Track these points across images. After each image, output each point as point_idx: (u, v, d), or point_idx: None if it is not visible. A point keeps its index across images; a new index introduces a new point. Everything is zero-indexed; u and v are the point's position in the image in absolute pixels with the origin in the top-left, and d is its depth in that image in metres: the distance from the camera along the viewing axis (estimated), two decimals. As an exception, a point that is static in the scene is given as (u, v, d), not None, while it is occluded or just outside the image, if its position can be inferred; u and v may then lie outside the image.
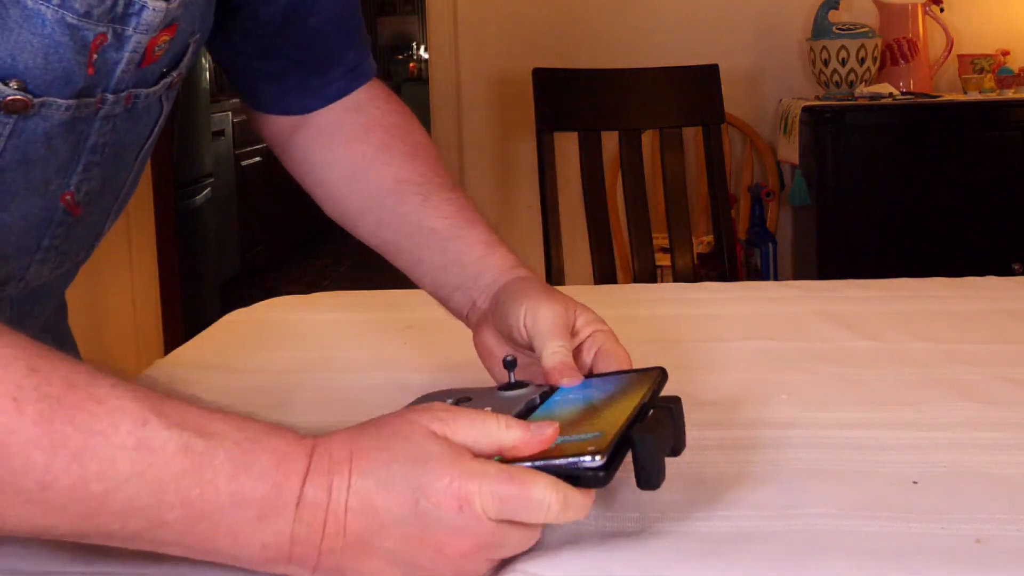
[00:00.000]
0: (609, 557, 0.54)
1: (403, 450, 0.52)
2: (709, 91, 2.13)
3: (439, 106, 3.35)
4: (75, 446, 0.47)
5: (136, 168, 0.76)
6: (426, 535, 0.50)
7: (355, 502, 0.50)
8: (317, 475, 0.51)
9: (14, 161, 0.62)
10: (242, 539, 0.50)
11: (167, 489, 0.48)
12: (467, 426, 0.53)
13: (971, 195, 2.71)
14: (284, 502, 0.50)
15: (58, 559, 0.56)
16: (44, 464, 0.46)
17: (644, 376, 0.64)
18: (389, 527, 0.50)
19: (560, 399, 0.64)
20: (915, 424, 0.72)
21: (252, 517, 0.50)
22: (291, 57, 0.85)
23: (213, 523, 0.49)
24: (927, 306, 1.05)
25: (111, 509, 0.48)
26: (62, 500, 0.47)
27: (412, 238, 0.82)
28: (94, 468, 0.47)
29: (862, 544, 0.54)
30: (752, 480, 0.63)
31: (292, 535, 0.50)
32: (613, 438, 0.54)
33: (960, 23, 3.07)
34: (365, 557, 0.51)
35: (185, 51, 0.72)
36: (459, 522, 0.50)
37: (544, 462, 0.53)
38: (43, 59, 0.59)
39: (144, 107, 0.70)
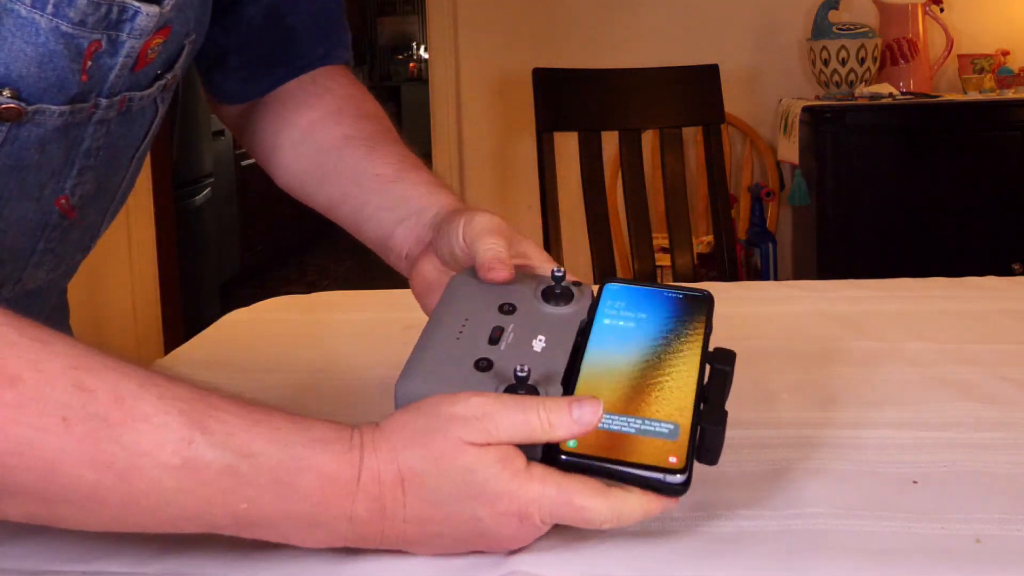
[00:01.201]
0: (609, 557, 0.54)
1: (453, 476, 0.51)
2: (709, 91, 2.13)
3: (439, 106, 3.35)
4: (122, 466, 0.47)
5: (132, 170, 0.76)
6: (483, 534, 0.52)
7: (412, 516, 0.52)
8: (366, 499, 0.51)
9: (8, 167, 0.62)
10: (293, 539, 0.52)
11: (215, 503, 0.49)
12: (511, 429, 0.51)
13: (971, 195, 2.71)
14: (335, 514, 0.51)
15: (58, 559, 0.56)
16: (93, 482, 0.47)
17: (695, 306, 0.62)
18: (446, 534, 0.52)
19: (610, 333, 0.61)
20: (915, 424, 0.72)
21: (304, 525, 0.51)
22: (264, 51, 0.86)
23: (265, 531, 0.51)
24: (927, 306, 1.05)
25: (161, 519, 0.50)
26: (112, 512, 0.49)
27: (358, 185, 0.80)
28: (142, 487, 0.48)
29: (862, 544, 0.54)
30: (752, 480, 0.63)
31: (347, 539, 0.52)
32: (689, 446, 0.53)
33: (960, 23, 3.07)
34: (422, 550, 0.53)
35: (180, 53, 0.71)
36: (514, 530, 0.52)
37: (620, 467, 0.52)
38: (37, 67, 0.59)
39: (138, 110, 0.70)
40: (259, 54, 0.86)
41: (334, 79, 0.88)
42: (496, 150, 3.35)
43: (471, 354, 0.59)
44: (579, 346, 0.61)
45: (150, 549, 0.56)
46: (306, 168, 0.84)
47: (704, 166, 2.34)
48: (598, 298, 0.64)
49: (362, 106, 0.86)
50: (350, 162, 0.81)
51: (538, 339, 0.61)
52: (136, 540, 0.58)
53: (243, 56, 0.86)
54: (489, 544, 0.53)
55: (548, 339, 0.61)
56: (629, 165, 2.04)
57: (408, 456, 0.51)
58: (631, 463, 0.52)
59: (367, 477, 0.51)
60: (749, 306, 1.11)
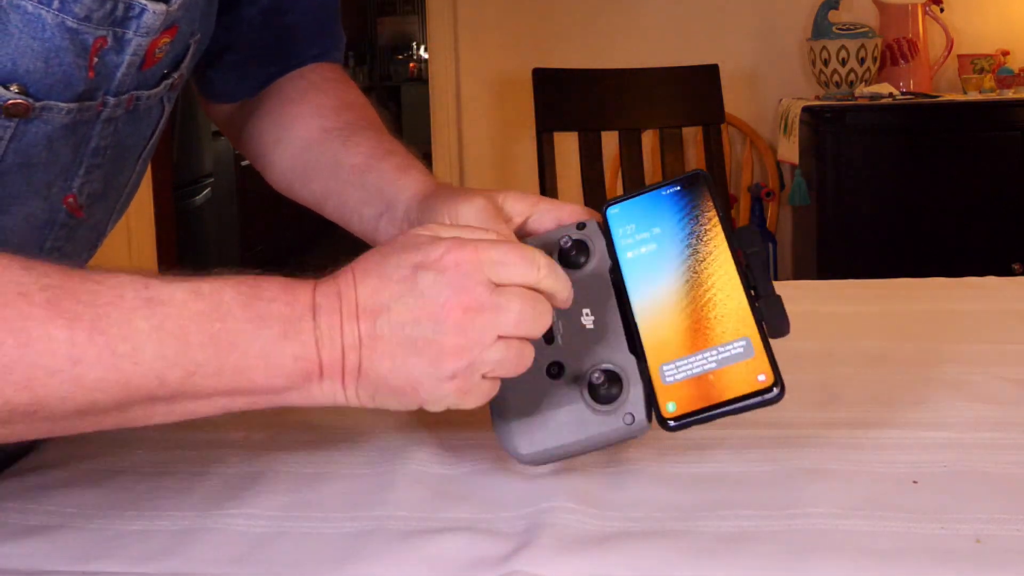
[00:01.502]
0: (609, 557, 0.54)
1: (397, 245, 0.56)
2: (709, 91, 2.14)
3: (439, 106, 3.35)
4: (90, 317, 0.49)
5: (138, 169, 0.76)
6: (428, 303, 0.53)
7: (363, 296, 0.54)
8: (323, 286, 0.55)
9: (15, 164, 0.62)
10: (273, 358, 0.52)
11: (190, 331, 0.50)
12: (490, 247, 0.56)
13: (971, 195, 2.71)
14: (300, 314, 0.53)
15: (58, 559, 0.56)
16: (67, 339, 0.48)
17: (696, 193, 0.62)
18: (395, 309, 0.53)
19: (639, 267, 0.62)
20: (915, 424, 0.72)
21: (276, 335, 0.52)
22: (260, 50, 0.86)
23: (243, 351, 0.52)
24: (927, 306, 1.05)
25: (144, 367, 0.50)
26: (96, 371, 0.49)
27: (336, 178, 0.80)
28: (115, 331, 0.49)
29: (862, 544, 0.54)
30: (752, 480, 0.63)
31: (316, 341, 0.53)
32: (767, 355, 0.56)
33: (960, 23, 3.07)
34: (380, 346, 0.54)
35: (186, 52, 0.72)
36: (457, 282, 0.53)
37: (722, 409, 0.56)
38: (43, 63, 0.59)
39: (145, 108, 0.70)
40: (255, 53, 0.87)
41: (318, 73, 0.88)
42: (496, 150, 3.35)
43: (538, 364, 0.60)
44: (620, 294, 0.62)
45: (150, 549, 0.56)
46: (292, 165, 0.84)
47: (704, 166, 2.34)
48: (608, 230, 0.64)
49: (343, 96, 0.86)
50: (327, 155, 0.81)
51: (584, 314, 0.62)
52: (136, 540, 0.58)
53: (239, 54, 0.86)
54: (440, 315, 0.53)
55: (593, 309, 0.61)
56: (629, 165, 2.04)
57: (359, 263, 0.57)
58: (729, 401, 0.56)
59: (322, 281, 0.56)
60: (749, 306, 1.11)
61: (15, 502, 0.63)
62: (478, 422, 0.66)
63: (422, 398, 0.55)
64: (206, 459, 0.69)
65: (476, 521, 0.59)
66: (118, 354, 0.49)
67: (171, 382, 0.51)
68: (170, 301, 0.51)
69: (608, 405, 0.59)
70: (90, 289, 0.50)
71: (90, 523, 0.60)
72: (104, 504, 0.62)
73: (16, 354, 0.47)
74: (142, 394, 0.51)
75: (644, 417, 0.59)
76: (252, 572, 0.54)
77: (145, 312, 0.50)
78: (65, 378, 0.48)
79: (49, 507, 0.62)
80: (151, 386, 0.50)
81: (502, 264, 0.55)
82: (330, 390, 0.55)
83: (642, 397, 0.59)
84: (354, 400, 0.56)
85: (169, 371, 0.50)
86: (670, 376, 0.58)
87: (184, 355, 0.50)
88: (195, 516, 0.60)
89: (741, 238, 0.60)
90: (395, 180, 0.76)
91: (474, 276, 0.54)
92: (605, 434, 0.59)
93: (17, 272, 0.49)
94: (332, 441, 0.72)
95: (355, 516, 0.60)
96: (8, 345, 0.47)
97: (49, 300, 0.48)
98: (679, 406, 0.57)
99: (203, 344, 0.51)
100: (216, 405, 0.53)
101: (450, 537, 0.57)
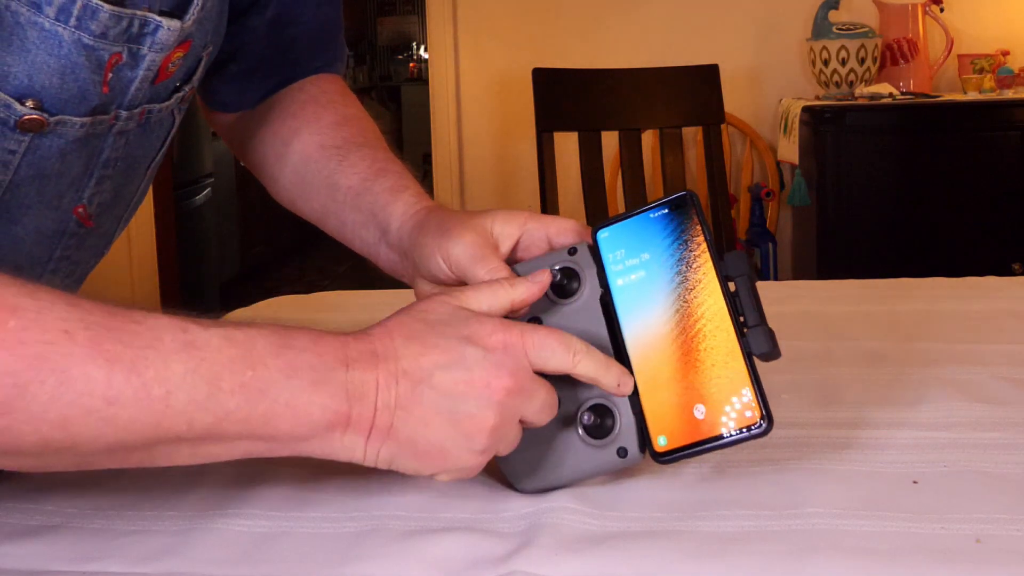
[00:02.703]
0: (609, 557, 0.54)
1: (440, 316, 0.58)
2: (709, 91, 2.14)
3: (439, 106, 3.35)
4: (129, 359, 0.50)
5: (147, 177, 0.77)
6: (475, 379, 0.55)
7: (406, 359, 0.56)
8: (356, 343, 0.56)
9: (28, 177, 0.63)
10: (301, 407, 0.53)
11: (222, 377, 0.52)
12: (476, 297, 0.60)
13: (971, 195, 2.71)
14: (333, 365, 0.54)
15: (58, 559, 0.56)
16: (105, 379, 0.49)
17: (684, 215, 0.62)
18: (438, 377, 0.55)
19: (630, 295, 0.62)
20: (915, 424, 0.72)
21: (306, 384, 0.53)
22: (263, 61, 0.87)
23: (272, 399, 0.53)
24: (927, 306, 1.05)
25: (175, 409, 0.51)
26: (129, 412, 0.50)
27: (333, 200, 0.80)
28: (151, 374, 0.50)
29: (862, 544, 0.54)
30: (752, 480, 0.63)
31: (348, 392, 0.54)
32: (755, 390, 0.57)
33: (960, 23, 3.07)
34: (417, 410, 0.55)
35: (198, 65, 0.72)
36: (505, 363, 0.56)
37: (712, 445, 0.58)
38: (59, 79, 0.60)
39: (157, 121, 0.71)
40: (259, 64, 0.87)
41: (319, 85, 0.88)
42: (496, 150, 3.35)
43: None
44: (611, 323, 0.63)
45: (150, 549, 0.56)
46: (292, 181, 0.85)
47: (704, 166, 2.34)
48: (598, 255, 0.65)
49: (342, 110, 0.86)
50: (324, 174, 0.81)
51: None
52: (136, 540, 0.58)
53: (242, 65, 0.87)
54: (476, 388, 0.55)
55: (585, 340, 0.62)
56: (629, 165, 2.04)
57: (392, 318, 0.59)
58: (717, 437, 0.57)
59: (354, 336, 0.57)
60: (749, 306, 1.11)
61: (15, 502, 0.63)
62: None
63: (446, 466, 0.57)
64: (206, 459, 0.69)
65: (476, 521, 0.59)
66: (153, 397, 0.50)
67: (199, 426, 0.52)
68: (205, 346, 0.52)
69: (601, 440, 0.61)
70: (131, 330, 0.51)
71: (90, 523, 0.60)
72: (104, 504, 0.62)
73: (56, 393, 0.48)
74: (170, 436, 0.51)
75: (637, 450, 0.60)
76: (252, 572, 0.54)
77: (182, 356, 0.51)
78: (100, 417, 0.49)
79: (49, 507, 0.62)
80: (180, 429, 0.51)
81: (544, 349, 0.58)
82: (351, 443, 0.55)
83: (635, 431, 0.60)
84: (371, 457, 0.56)
85: (199, 415, 0.51)
86: (661, 411, 0.59)
87: (215, 400, 0.51)
88: (195, 516, 0.60)
89: (728, 265, 0.60)
90: (386, 206, 0.76)
91: (520, 360, 0.57)
92: (600, 467, 0.61)
93: (63, 309, 0.50)
94: (332, 441, 0.72)
95: (355, 516, 0.60)
96: (49, 384, 0.48)
97: (91, 340, 0.49)
98: (670, 440, 0.59)
99: (234, 391, 0.52)
100: (238, 449, 0.54)
101: (450, 537, 0.57)
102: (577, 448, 0.61)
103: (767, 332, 0.58)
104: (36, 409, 0.48)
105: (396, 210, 0.75)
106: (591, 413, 0.60)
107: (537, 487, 0.62)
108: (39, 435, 0.49)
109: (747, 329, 0.58)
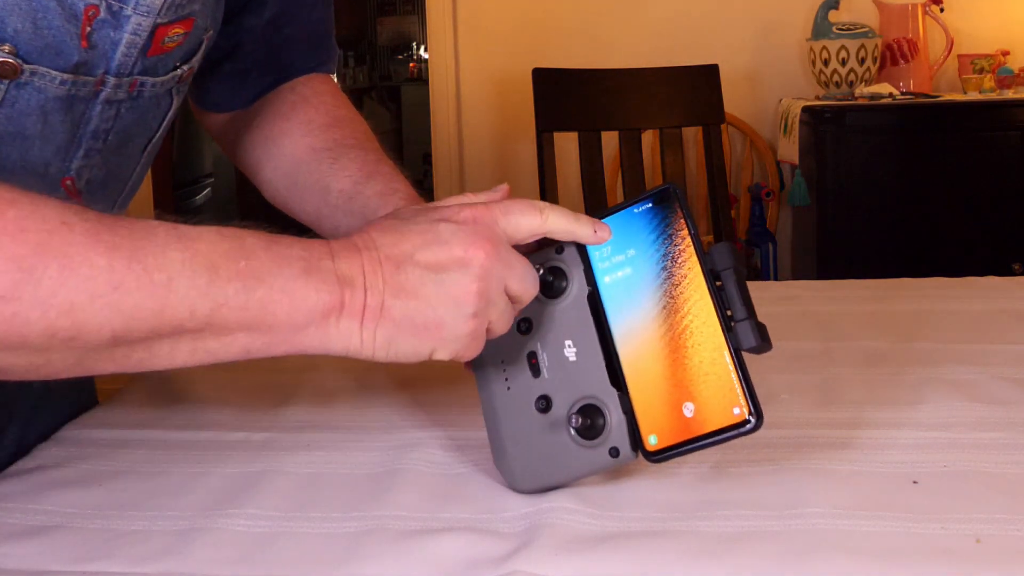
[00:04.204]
0: (609, 557, 0.54)
1: (411, 214, 0.61)
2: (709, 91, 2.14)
3: (439, 106, 3.35)
4: (128, 247, 0.51)
5: (143, 161, 0.77)
6: (453, 250, 0.57)
7: (385, 246, 0.58)
8: (338, 241, 0.58)
9: (8, 133, 0.63)
10: (297, 293, 0.55)
11: (219, 265, 0.53)
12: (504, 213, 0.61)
13: (971, 195, 2.71)
14: (319, 255, 0.57)
15: (58, 559, 0.56)
16: (107, 265, 0.50)
17: (668, 209, 0.62)
18: (419, 255, 0.57)
19: (617, 293, 0.62)
20: (915, 424, 0.72)
21: (298, 272, 0.55)
22: (257, 61, 0.87)
23: (267, 286, 0.54)
24: (927, 306, 1.05)
25: (178, 296, 0.52)
26: (134, 298, 0.51)
27: (327, 203, 0.81)
28: (151, 261, 0.51)
29: (862, 544, 0.55)
30: (752, 480, 0.63)
31: (338, 280, 0.56)
32: (741, 387, 0.56)
33: (960, 23, 3.07)
34: (405, 287, 0.57)
35: (199, 47, 0.72)
36: (478, 232, 0.58)
37: (701, 443, 0.57)
38: (32, 23, 0.60)
39: (151, 97, 0.71)
40: (253, 63, 0.87)
41: (310, 86, 0.89)
42: (496, 150, 3.35)
43: (527, 399, 0.62)
44: (600, 320, 0.62)
45: (150, 549, 0.57)
46: (284, 183, 0.85)
47: (704, 166, 2.34)
48: (585, 253, 0.64)
49: (333, 111, 0.87)
50: (315, 177, 0.82)
51: (567, 346, 0.62)
52: (136, 540, 0.58)
53: (237, 64, 0.87)
54: (451, 254, 0.57)
55: (575, 340, 0.62)
56: (629, 165, 2.05)
57: (373, 223, 0.61)
58: (706, 435, 0.57)
59: (335, 239, 0.59)
60: (749, 306, 1.11)
61: (15, 502, 0.63)
62: (478, 422, 0.66)
63: (441, 337, 0.58)
64: (206, 459, 0.69)
65: (476, 521, 0.59)
66: (155, 282, 0.51)
67: (200, 314, 0.53)
68: (199, 239, 0.54)
69: (593, 440, 0.60)
70: (125, 224, 0.52)
71: (90, 523, 0.60)
72: (104, 504, 0.62)
73: (60, 278, 0.49)
74: (172, 325, 0.52)
75: (629, 449, 0.59)
76: (252, 572, 0.54)
77: (178, 246, 0.53)
78: (105, 303, 0.50)
79: (49, 507, 0.62)
80: (182, 317, 0.52)
81: (512, 214, 0.60)
82: (347, 330, 0.57)
83: (626, 430, 0.59)
84: (368, 342, 0.57)
85: (200, 301, 0.52)
86: (651, 409, 0.59)
87: (214, 286, 0.53)
88: (195, 516, 0.60)
89: (714, 259, 0.60)
90: (376, 210, 0.77)
91: (492, 228, 0.59)
92: (594, 467, 0.61)
93: (57, 204, 0.51)
94: (332, 441, 0.72)
95: (355, 516, 0.60)
96: (52, 269, 0.49)
97: (89, 231, 0.50)
98: (660, 439, 0.58)
99: (231, 278, 0.53)
100: (237, 344, 0.55)
101: (450, 537, 0.57)
102: (569, 448, 0.61)
103: (755, 326, 0.57)
104: (43, 294, 0.48)
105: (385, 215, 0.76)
106: (581, 414, 0.60)
107: (533, 487, 0.62)
108: (46, 322, 0.49)
109: (734, 324, 0.58)
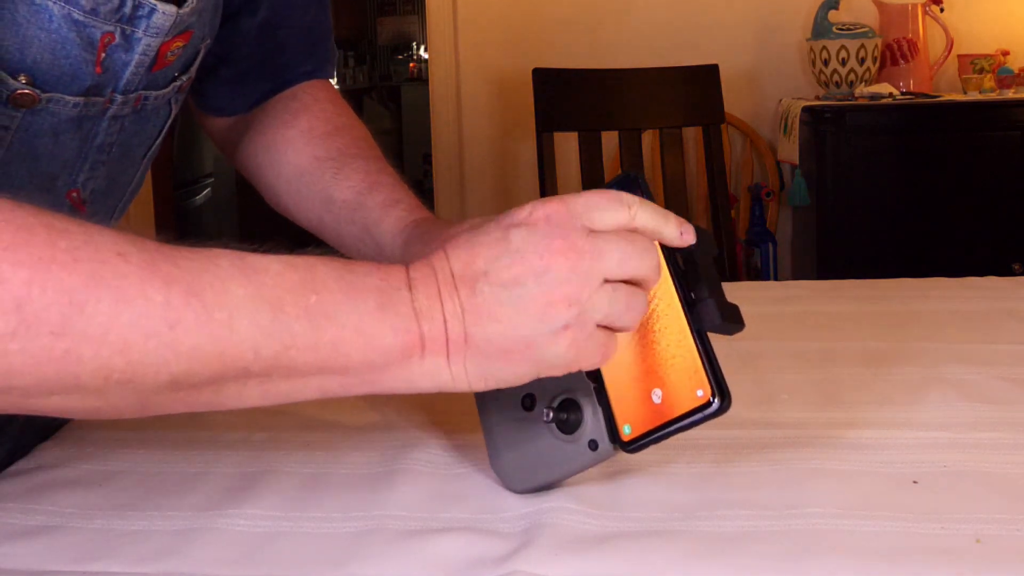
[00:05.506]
0: (609, 557, 0.54)
1: (481, 223, 0.57)
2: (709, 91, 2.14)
3: (439, 106, 3.34)
4: (186, 282, 0.47)
5: (143, 167, 0.77)
6: (527, 258, 0.52)
7: (457, 267, 0.53)
8: (415, 264, 0.54)
9: (20, 154, 0.63)
10: (371, 332, 0.51)
11: (285, 301, 0.49)
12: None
13: (971, 195, 2.71)
14: (395, 286, 0.52)
15: (58, 559, 0.56)
16: (163, 301, 0.47)
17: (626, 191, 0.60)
18: (492, 271, 0.52)
19: None
20: (915, 424, 0.72)
21: (372, 308, 0.51)
22: (254, 64, 0.87)
23: (339, 325, 0.50)
24: (927, 306, 1.05)
25: (239, 336, 0.48)
26: (192, 338, 0.47)
27: (329, 212, 0.81)
28: (211, 297, 0.48)
29: (862, 544, 0.54)
30: (752, 480, 0.63)
31: (415, 311, 0.52)
32: (705, 369, 0.54)
33: (960, 23, 3.07)
34: (483, 310, 0.52)
35: (196, 56, 0.72)
36: (552, 232, 0.52)
37: (670, 429, 0.55)
38: (51, 54, 0.60)
39: (153, 108, 0.71)
40: (249, 67, 0.87)
41: (311, 93, 0.88)
42: (496, 150, 3.35)
43: (514, 398, 0.62)
44: None
45: (150, 549, 0.56)
46: (287, 191, 0.85)
47: (704, 166, 2.34)
48: None
49: (335, 120, 0.87)
50: (319, 187, 0.82)
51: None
52: (136, 540, 0.58)
53: (232, 68, 0.87)
54: (541, 263, 0.52)
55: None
56: (629, 165, 2.04)
57: (449, 241, 0.55)
58: (675, 420, 0.55)
59: (414, 261, 0.55)
60: (749, 306, 1.11)
61: (15, 502, 0.63)
62: (478, 423, 0.66)
63: (537, 357, 0.53)
64: (206, 459, 0.69)
65: (476, 521, 0.59)
66: (215, 321, 0.47)
67: (266, 355, 0.49)
68: (265, 271, 0.50)
69: (572, 435, 0.60)
70: (185, 255, 0.49)
71: (90, 523, 0.60)
72: (104, 504, 0.62)
73: (113, 312, 0.46)
74: (237, 368, 0.49)
75: (607, 442, 0.58)
76: (252, 572, 0.54)
77: (241, 280, 0.49)
78: (161, 343, 0.47)
79: (49, 507, 0.62)
80: (246, 359, 0.49)
81: (592, 208, 0.54)
82: (432, 367, 0.53)
83: (602, 422, 0.59)
84: (461, 378, 0.53)
85: (264, 342, 0.49)
86: (624, 399, 0.58)
87: (280, 325, 0.49)
88: (195, 516, 0.60)
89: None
90: (379, 222, 0.76)
91: (567, 224, 0.53)
92: (577, 462, 0.60)
93: (111, 234, 0.48)
94: (332, 441, 0.72)
95: (355, 516, 0.60)
96: (105, 303, 0.45)
97: (146, 262, 0.47)
98: (633, 428, 0.57)
99: (298, 316, 0.49)
100: (310, 386, 0.52)
101: (450, 537, 0.57)
102: (552, 444, 0.60)
103: (720, 304, 0.56)
104: (95, 331, 0.45)
105: (387, 226, 0.76)
106: (557, 409, 0.59)
107: (526, 487, 0.62)
108: (100, 360, 0.46)
109: (697, 303, 0.56)
